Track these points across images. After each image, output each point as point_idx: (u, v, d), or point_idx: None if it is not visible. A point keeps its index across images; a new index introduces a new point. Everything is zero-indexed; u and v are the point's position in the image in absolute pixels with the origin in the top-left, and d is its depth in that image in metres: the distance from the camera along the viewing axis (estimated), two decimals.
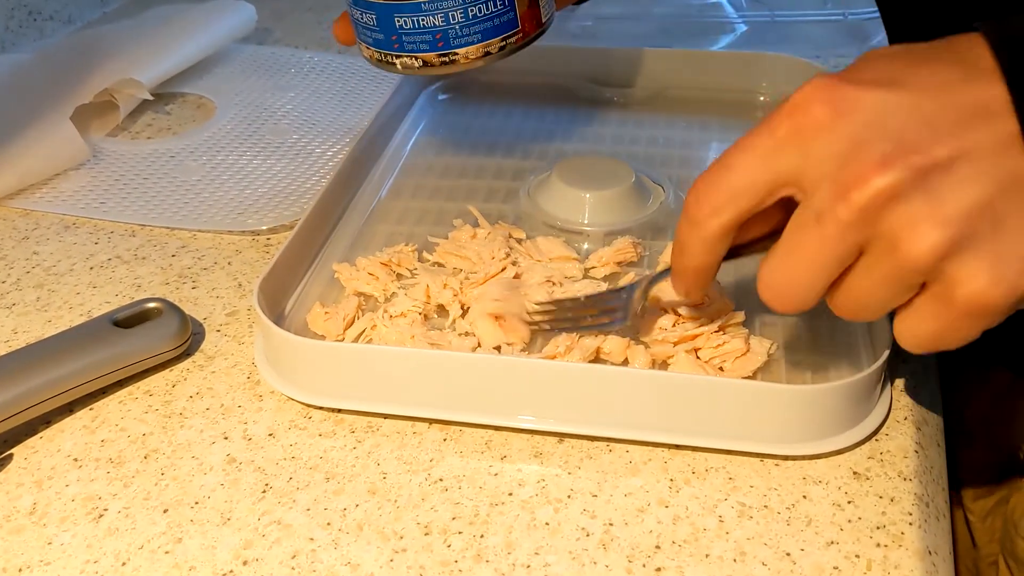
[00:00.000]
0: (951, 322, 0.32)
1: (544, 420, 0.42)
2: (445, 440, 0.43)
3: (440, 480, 0.41)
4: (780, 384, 0.41)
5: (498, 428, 0.43)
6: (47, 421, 0.45)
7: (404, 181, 0.61)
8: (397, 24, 0.47)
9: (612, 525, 0.38)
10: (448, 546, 0.38)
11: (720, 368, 0.44)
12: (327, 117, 0.72)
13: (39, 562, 0.38)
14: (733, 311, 0.46)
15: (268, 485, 0.41)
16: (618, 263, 0.51)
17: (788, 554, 0.37)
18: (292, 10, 0.95)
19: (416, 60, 0.48)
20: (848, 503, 0.39)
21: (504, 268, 0.49)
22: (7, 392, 0.42)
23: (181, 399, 0.46)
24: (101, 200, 0.62)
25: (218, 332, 0.50)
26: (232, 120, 0.72)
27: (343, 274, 0.51)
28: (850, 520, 0.38)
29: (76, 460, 0.43)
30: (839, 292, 0.34)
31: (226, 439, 0.43)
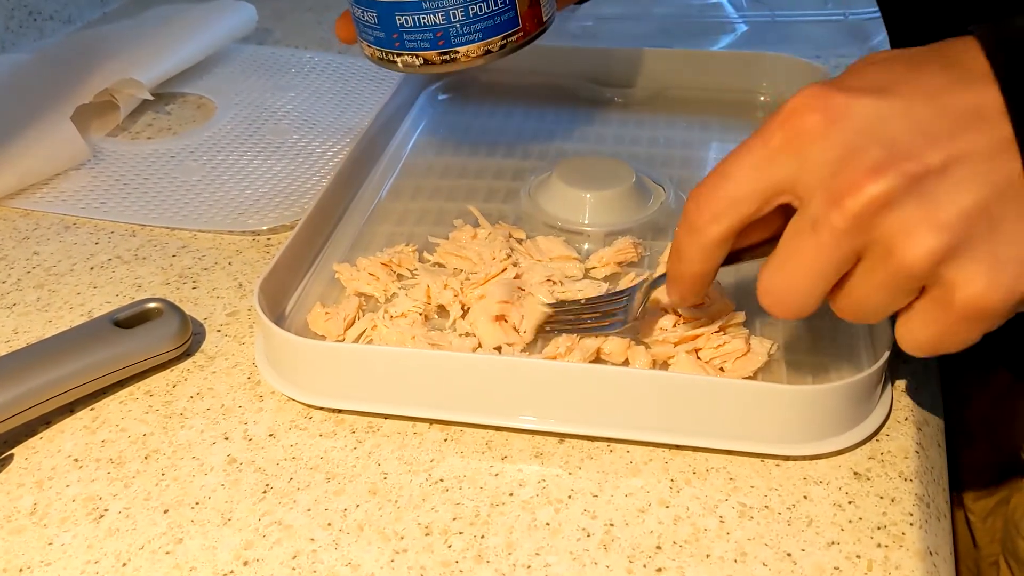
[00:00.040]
0: (950, 326, 0.32)
1: (545, 420, 0.42)
2: (446, 440, 0.43)
3: (441, 480, 0.41)
4: (781, 384, 0.41)
5: (499, 428, 0.43)
6: (47, 421, 0.45)
7: (404, 181, 0.61)
8: (398, 22, 0.47)
9: (613, 525, 0.38)
10: (449, 546, 0.38)
11: (721, 368, 0.44)
12: (327, 117, 0.72)
13: (40, 563, 0.38)
14: (734, 311, 0.46)
15: (269, 485, 0.41)
16: (619, 263, 0.51)
17: (789, 554, 0.37)
18: (292, 10, 0.95)
19: (417, 58, 0.48)
20: (849, 503, 0.39)
21: (505, 268, 0.49)
22: (8, 392, 0.42)
23: (182, 399, 0.46)
24: (101, 200, 0.62)
25: (218, 332, 0.50)
26: (232, 120, 0.72)
27: (344, 274, 0.51)
28: (851, 520, 0.38)
29: (77, 460, 0.43)
30: (840, 296, 0.34)
31: (227, 439, 0.43)
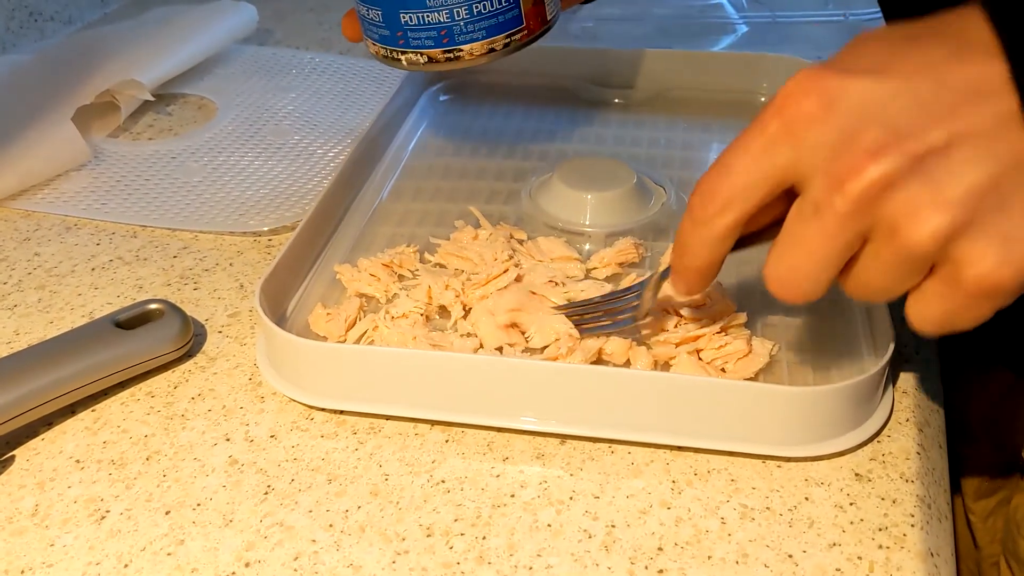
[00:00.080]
0: (961, 303, 0.31)
1: (546, 421, 0.42)
2: (447, 441, 0.43)
3: (442, 482, 0.41)
4: (782, 386, 0.41)
5: (500, 429, 0.43)
6: (49, 423, 0.45)
7: (405, 182, 0.61)
8: (402, 20, 0.47)
9: (614, 527, 0.38)
10: (450, 548, 0.38)
11: (722, 369, 0.44)
12: (328, 118, 0.72)
13: (41, 564, 0.38)
14: (735, 312, 0.46)
15: (270, 487, 0.41)
16: (620, 264, 0.52)
17: (790, 556, 0.37)
18: (293, 11, 0.95)
19: (421, 56, 0.48)
20: (850, 505, 0.39)
21: (506, 269, 0.49)
22: (9, 394, 0.42)
23: (183, 400, 0.46)
24: (103, 201, 0.62)
25: (220, 333, 0.50)
26: (233, 121, 0.72)
27: (345, 275, 0.51)
28: (852, 522, 0.38)
29: (78, 462, 0.43)
30: (849, 278, 0.34)
31: (228, 441, 0.43)
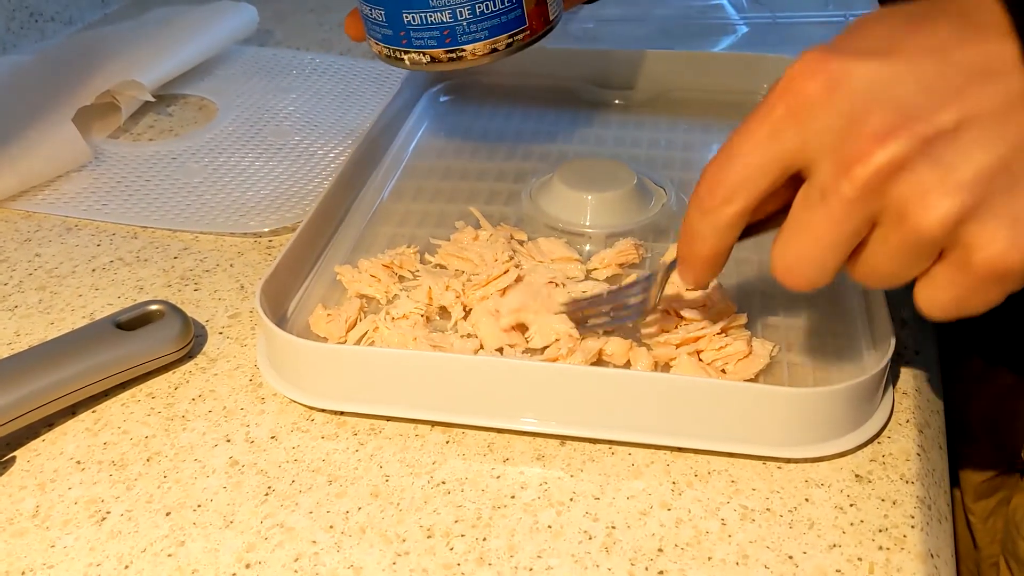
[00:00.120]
0: (971, 288, 0.31)
1: (546, 423, 0.42)
2: (447, 443, 0.43)
3: (443, 483, 0.41)
4: (782, 387, 0.41)
5: (500, 431, 0.43)
6: (50, 424, 0.45)
7: (406, 183, 0.61)
8: (405, 20, 0.47)
9: (615, 528, 0.38)
10: (450, 549, 0.38)
11: (722, 370, 0.44)
12: (329, 119, 0.72)
13: (42, 565, 0.38)
14: (736, 313, 0.46)
15: (271, 488, 0.41)
16: (620, 264, 0.52)
17: (790, 557, 0.37)
18: (293, 12, 0.95)
19: (424, 56, 0.48)
20: (850, 506, 0.39)
21: (507, 270, 0.49)
22: (10, 395, 0.42)
23: (183, 401, 0.46)
24: (103, 202, 0.62)
25: (220, 334, 0.50)
26: (234, 122, 0.72)
27: (345, 276, 0.51)
28: (852, 523, 0.38)
29: (79, 463, 0.43)
30: (857, 263, 0.33)
31: (228, 442, 0.43)
